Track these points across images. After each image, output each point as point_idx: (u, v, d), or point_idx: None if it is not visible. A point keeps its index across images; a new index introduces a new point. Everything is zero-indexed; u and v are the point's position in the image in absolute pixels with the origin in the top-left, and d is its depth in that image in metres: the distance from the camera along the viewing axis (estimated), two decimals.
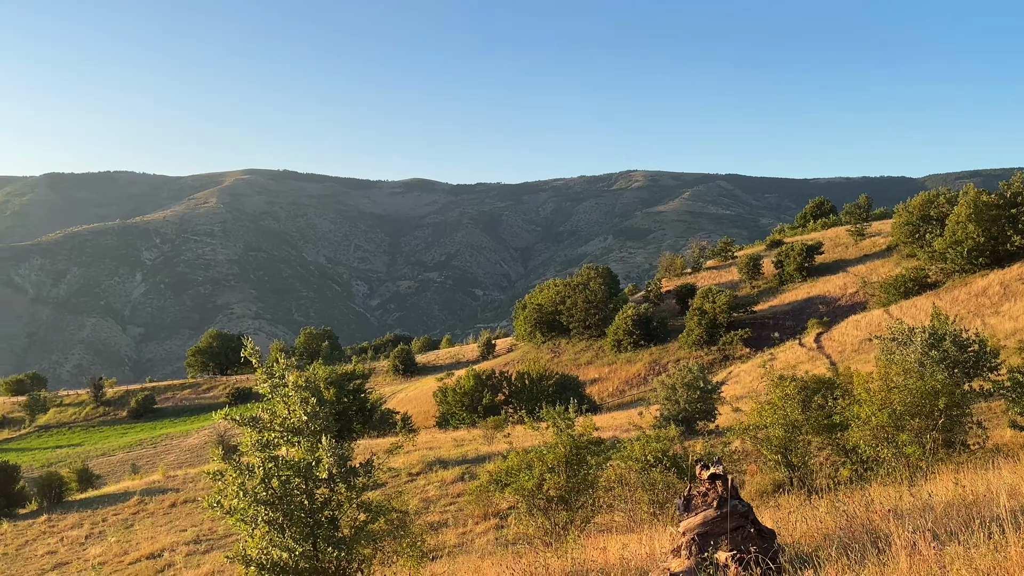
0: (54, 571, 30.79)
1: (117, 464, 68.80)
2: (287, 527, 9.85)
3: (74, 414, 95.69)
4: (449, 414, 57.88)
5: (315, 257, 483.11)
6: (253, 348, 11.02)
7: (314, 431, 10.41)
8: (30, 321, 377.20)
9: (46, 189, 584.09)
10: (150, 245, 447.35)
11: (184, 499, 38.67)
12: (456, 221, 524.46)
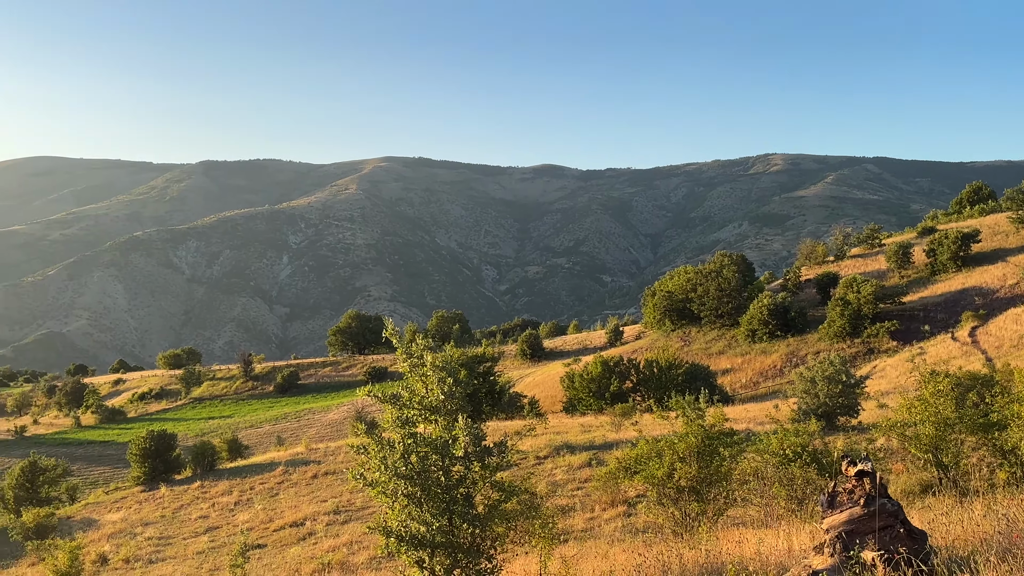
0: (206, 534, 33.07)
1: (264, 436, 73.07)
2: (424, 502, 10.16)
3: (225, 388, 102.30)
4: (576, 399, 57.94)
5: (447, 242, 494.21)
6: (393, 329, 11.40)
7: (450, 410, 10.67)
8: (187, 299, 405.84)
9: (202, 176, 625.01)
10: (295, 229, 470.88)
11: (325, 471, 40.58)
12: (585, 207, 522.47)
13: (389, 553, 10.33)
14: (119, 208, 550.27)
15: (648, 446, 17.94)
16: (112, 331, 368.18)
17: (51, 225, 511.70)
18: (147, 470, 46.34)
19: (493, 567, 10.55)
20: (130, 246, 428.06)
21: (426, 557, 10.18)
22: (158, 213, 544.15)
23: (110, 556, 30.64)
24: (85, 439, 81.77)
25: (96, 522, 39.95)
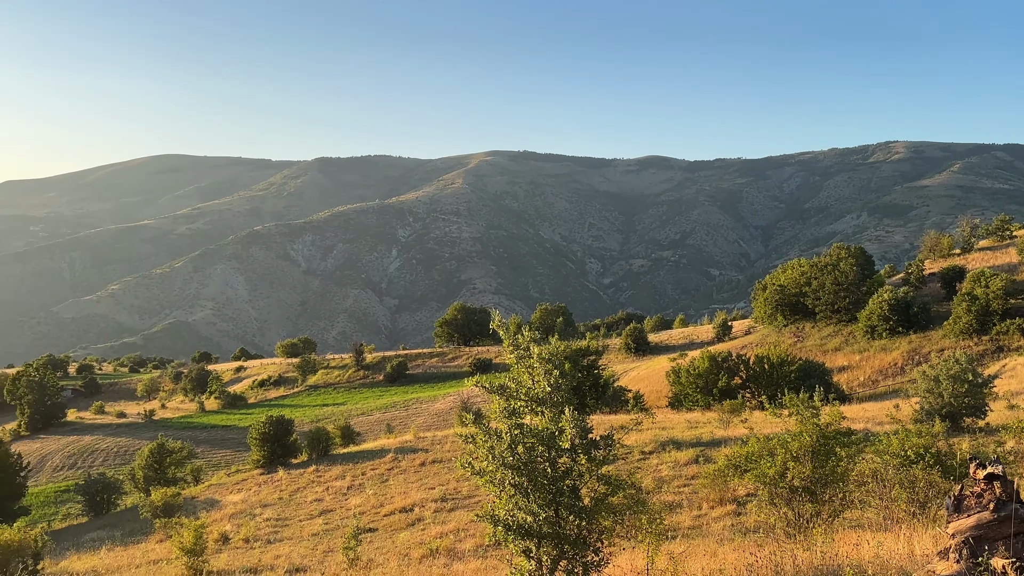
0: (320, 517, 34.35)
1: (374, 423, 75.25)
2: (531, 492, 10.24)
3: (338, 376, 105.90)
4: (682, 395, 56.98)
5: (551, 235, 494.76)
6: (500, 320, 11.52)
7: (557, 402, 10.70)
8: (303, 291, 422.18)
9: (317, 172, 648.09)
10: (404, 223, 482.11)
11: (432, 459, 41.44)
12: (692, 198, 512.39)
13: (496, 542, 10.47)
14: (240, 203, 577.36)
15: (759, 444, 17.46)
16: (234, 320, 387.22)
17: (178, 220, 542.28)
18: (266, 454, 48.49)
19: (600, 560, 10.53)
20: (250, 240, 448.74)
21: (533, 547, 10.26)
22: (276, 208, 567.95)
23: (231, 535, 32.27)
24: (208, 423, 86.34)
25: (218, 502, 42.15)
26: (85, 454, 77.42)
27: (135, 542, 35.62)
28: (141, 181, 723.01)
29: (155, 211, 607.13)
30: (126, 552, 32.90)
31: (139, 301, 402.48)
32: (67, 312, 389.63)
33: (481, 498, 31.23)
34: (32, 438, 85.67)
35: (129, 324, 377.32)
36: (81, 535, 41.81)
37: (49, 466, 75.07)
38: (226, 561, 27.28)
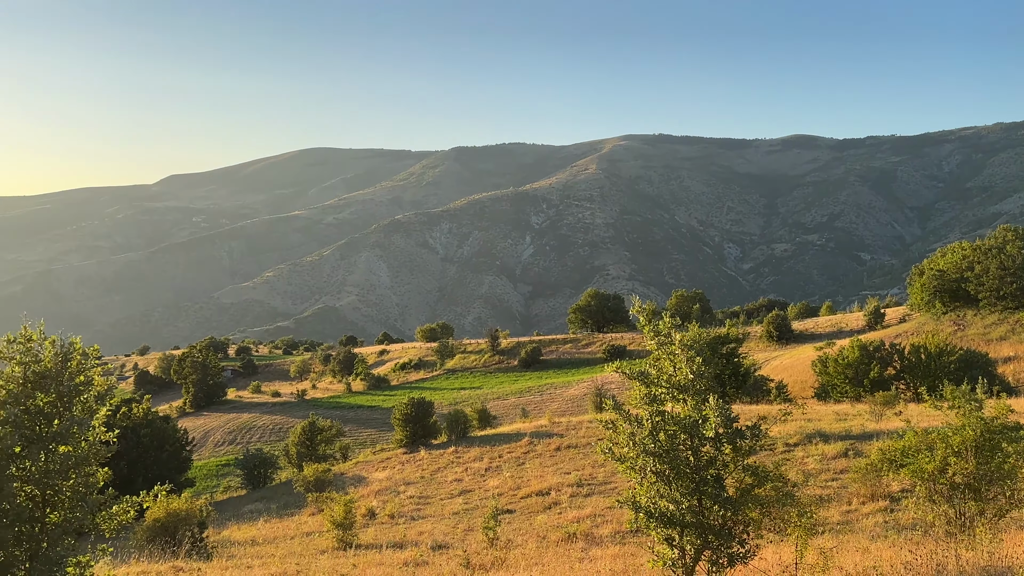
0: (460, 496, 35.23)
1: (509, 407, 76.44)
2: (673, 480, 10.09)
3: (474, 360, 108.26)
4: (829, 385, 54.46)
5: (687, 220, 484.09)
6: (641, 306, 11.37)
7: (699, 390, 10.47)
8: (440, 277, 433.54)
9: (454, 162, 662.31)
10: (538, 210, 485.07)
11: (567, 444, 41.60)
12: (840, 179, 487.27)
13: (636, 529, 10.39)
14: (382, 193, 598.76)
15: (917, 438, 16.44)
16: (377, 306, 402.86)
17: (326, 210, 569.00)
18: (408, 434, 50.21)
19: (746, 552, 10.24)
20: (392, 228, 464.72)
21: (675, 535, 10.11)
22: (416, 197, 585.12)
23: (377, 511, 33.65)
24: (355, 403, 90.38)
25: (365, 479, 44.02)
26: (243, 430, 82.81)
27: (289, 514, 37.76)
28: (292, 173, 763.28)
29: (305, 202, 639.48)
30: (281, 524, 34.95)
31: (291, 287, 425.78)
32: (226, 298, 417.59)
33: (617, 485, 31.09)
34: (196, 415, 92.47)
35: (282, 309, 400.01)
36: (240, 506, 44.70)
37: (211, 441, 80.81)
38: (373, 535, 28.47)
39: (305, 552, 25.87)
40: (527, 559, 19.47)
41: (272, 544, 29.54)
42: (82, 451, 10.67)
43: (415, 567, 20.03)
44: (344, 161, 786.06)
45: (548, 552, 20.36)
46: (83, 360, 11.06)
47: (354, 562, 21.31)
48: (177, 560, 23.15)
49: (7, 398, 10.46)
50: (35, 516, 10.57)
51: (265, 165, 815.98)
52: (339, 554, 24.42)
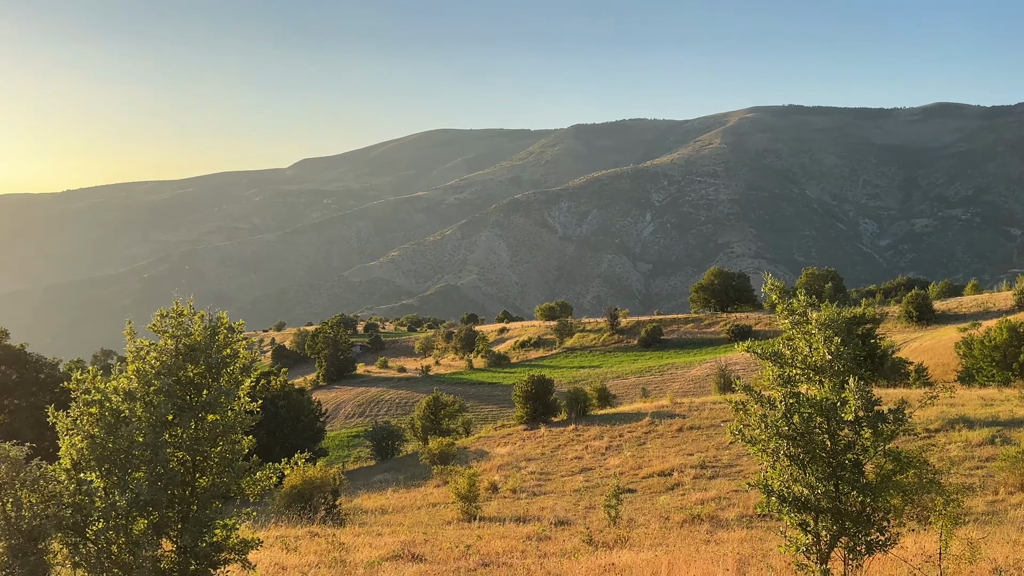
0: (581, 474, 35.36)
1: (629, 387, 75.88)
2: (808, 464, 9.71)
3: (593, 339, 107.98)
4: (974, 369, 51.14)
5: (818, 194, 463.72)
6: (773, 283, 10.95)
7: (837, 371, 10.00)
8: (559, 256, 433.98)
9: (573, 139, 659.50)
10: (658, 187, 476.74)
11: (690, 426, 40.94)
12: (988, 149, 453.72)
13: (766, 513, 10.09)
14: (502, 173, 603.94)
15: None
16: (497, 284, 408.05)
17: (447, 190, 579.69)
18: (529, 411, 50.77)
19: (885, 540, 9.77)
20: (511, 208, 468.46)
21: (810, 521, 9.74)
22: (535, 176, 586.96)
23: (499, 485, 34.27)
24: (476, 380, 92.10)
25: (487, 454, 44.87)
26: (372, 403, 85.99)
27: (416, 485, 39.00)
28: (416, 155, 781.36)
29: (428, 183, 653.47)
30: (408, 494, 36.14)
31: (415, 266, 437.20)
32: (355, 276, 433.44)
33: (743, 468, 30.37)
34: (328, 388, 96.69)
35: (406, 287, 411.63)
36: (370, 476, 46.53)
37: (342, 413, 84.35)
38: (496, 509, 29.02)
39: (432, 522, 26.67)
40: (651, 539, 19.34)
41: (400, 513, 30.62)
42: (229, 420, 11.36)
43: (538, 541, 20.27)
44: (465, 142, 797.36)
45: (672, 533, 20.15)
46: (229, 334, 11.75)
47: (479, 533, 21.79)
48: (313, 525, 24.34)
49: (161, 369, 11.24)
50: (186, 480, 11.34)
51: (390, 147, 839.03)
52: (464, 525, 25.04)
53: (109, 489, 11.01)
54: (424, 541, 20.36)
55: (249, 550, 11.48)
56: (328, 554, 18.46)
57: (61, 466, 11.40)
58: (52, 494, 11.25)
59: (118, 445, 10.88)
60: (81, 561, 11.11)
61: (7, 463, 11.26)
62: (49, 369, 49.79)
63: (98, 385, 11.27)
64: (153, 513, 10.95)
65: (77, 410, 11.25)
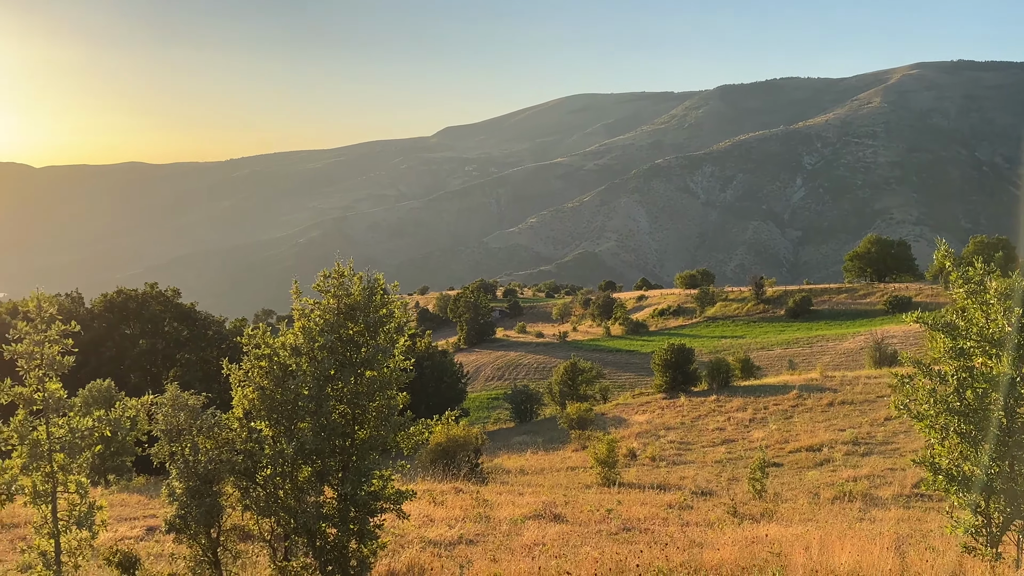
0: (723, 445, 34.69)
1: (774, 359, 73.39)
2: (980, 442, 9.09)
3: (736, 309, 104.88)
4: None
5: (989, 156, 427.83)
6: (947, 250, 10.24)
7: (1017, 344, 9.25)
8: (701, 223, 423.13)
9: (718, 101, 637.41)
10: (810, 150, 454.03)
11: (841, 400, 39.25)
12: None
13: (929, 491, 9.55)
14: (643, 138, 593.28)
15: None
16: (635, 252, 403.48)
17: (587, 156, 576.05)
18: (668, 379, 50.18)
19: None
20: (651, 173, 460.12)
21: (981, 502, 9.15)
22: (677, 140, 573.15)
23: (638, 453, 34.19)
24: (613, 347, 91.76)
25: (625, 421, 44.81)
26: (510, 367, 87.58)
27: (554, 448, 39.54)
28: (555, 121, 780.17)
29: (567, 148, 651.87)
30: (547, 457, 36.70)
31: (553, 233, 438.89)
32: (494, 242, 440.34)
33: (899, 445, 28.86)
34: (468, 351, 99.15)
35: (544, 253, 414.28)
36: (509, 437, 47.56)
37: (482, 376, 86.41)
38: (635, 475, 29.01)
39: (571, 485, 27.00)
40: (799, 514, 18.78)
41: (539, 475, 31.17)
42: (385, 376, 11.91)
43: (680, 510, 20.13)
44: (606, 106, 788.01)
45: (822, 509, 19.48)
46: (385, 295, 12.27)
47: (619, 498, 21.88)
48: (456, 481, 25.21)
49: (324, 327, 11.89)
50: (346, 432, 12.00)
51: (530, 114, 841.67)
52: (603, 490, 25.20)
53: (277, 438, 11.82)
54: (565, 503, 20.66)
55: (404, 500, 12.05)
56: (473, 509, 19.08)
57: (234, 415, 12.33)
58: (225, 440, 12.20)
59: (285, 397, 11.65)
60: (251, 504, 12.02)
61: (186, 411, 12.29)
62: (216, 327, 53.67)
63: (267, 341, 12.08)
64: (316, 461, 11.67)
65: (248, 363, 12.10)
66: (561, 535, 15.92)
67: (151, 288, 53.16)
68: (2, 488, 9.09)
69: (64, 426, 9.34)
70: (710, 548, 13.34)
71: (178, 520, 11.71)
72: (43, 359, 9.31)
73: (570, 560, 12.00)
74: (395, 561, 13.34)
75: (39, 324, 9.35)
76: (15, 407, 9.31)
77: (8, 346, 9.30)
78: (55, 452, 9.32)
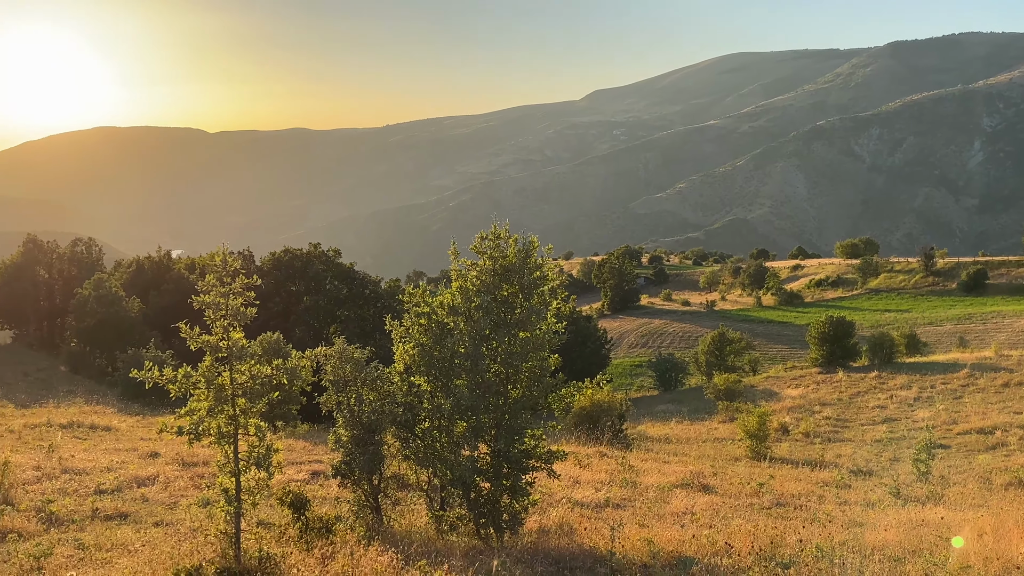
0: (883, 424, 32.88)
1: (944, 335, 68.61)
2: None
3: (903, 281, 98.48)
4: None
5: None
6: None
7: None
8: (865, 188, 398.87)
9: (888, 59, 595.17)
10: (992, 111, 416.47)
11: (1018, 381, 36.31)
12: None
13: None
14: (803, 98, 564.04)
15: None
16: (791, 219, 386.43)
17: (741, 119, 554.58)
18: (824, 353, 48.04)
19: None
20: (812, 135, 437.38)
21: None
22: (841, 101, 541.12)
23: (790, 427, 33.01)
24: (764, 318, 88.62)
25: (776, 394, 43.33)
26: (655, 335, 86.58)
27: (699, 419, 38.85)
28: (708, 82, 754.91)
29: (720, 111, 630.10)
30: (692, 427, 36.14)
31: (702, 198, 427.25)
32: (641, 208, 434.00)
33: None
34: (612, 317, 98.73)
35: (693, 219, 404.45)
36: (652, 405, 47.17)
37: (625, 343, 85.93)
38: (787, 451, 28.09)
39: (718, 456, 26.49)
40: (968, 500, 17.58)
41: (685, 444, 30.76)
42: (538, 338, 12.06)
43: (836, 488, 19.32)
44: (763, 65, 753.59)
45: (994, 495, 18.14)
46: (539, 258, 12.38)
47: (770, 473, 21.26)
48: (600, 446, 25.28)
49: (481, 287, 12.16)
50: (500, 391, 12.28)
51: (681, 75, 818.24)
52: (753, 463, 24.56)
53: (435, 393, 12.25)
54: (713, 474, 20.30)
55: (554, 460, 12.23)
56: (619, 474, 19.11)
57: (395, 369, 12.87)
58: (387, 393, 12.76)
59: (443, 354, 12.03)
60: (411, 454, 12.56)
61: (351, 363, 12.92)
62: (372, 286, 56.07)
63: (427, 299, 12.48)
64: (472, 418, 12.02)
65: (409, 321, 12.57)
66: (711, 505, 15.66)
67: (314, 248, 56.16)
68: (192, 428, 9.95)
69: (246, 373, 10.08)
70: (871, 528, 12.73)
71: (344, 466, 12.41)
72: (228, 310, 10.05)
73: (722, 531, 11.80)
74: (545, 518, 13.59)
75: (224, 277, 10.10)
76: (202, 354, 10.13)
77: (197, 297, 10.11)
78: (237, 396, 10.08)
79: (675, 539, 11.19)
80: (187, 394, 10.23)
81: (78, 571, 9.91)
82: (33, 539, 11.94)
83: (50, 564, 10.53)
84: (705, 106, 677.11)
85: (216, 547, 10.22)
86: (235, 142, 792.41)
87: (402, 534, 11.93)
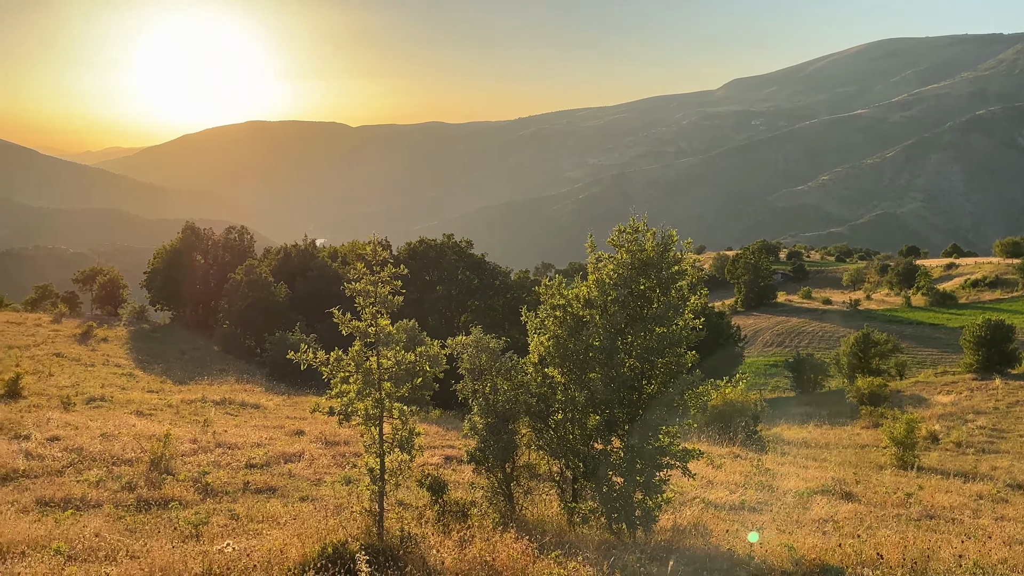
0: None
1: None
2: None
3: None
4: None
5: None
6: None
7: None
8: None
9: None
10: None
11: None
12: None
13: None
14: (961, 86, 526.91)
15: None
16: (946, 214, 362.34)
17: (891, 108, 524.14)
18: (980, 358, 44.96)
19: None
20: (970, 126, 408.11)
21: None
22: (1005, 89, 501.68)
23: (940, 436, 31.05)
24: (913, 319, 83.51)
25: (925, 400, 40.84)
26: (792, 334, 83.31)
27: (840, 424, 37.14)
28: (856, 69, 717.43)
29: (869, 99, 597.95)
30: (832, 431, 34.58)
31: (847, 191, 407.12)
32: (779, 201, 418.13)
33: None
34: (746, 314, 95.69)
35: (836, 214, 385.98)
36: (788, 407, 45.48)
37: (760, 341, 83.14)
38: (936, 460, 26.46)
39: (861, 463, 25.27)
40: None
41: (824, 449, 29.49)
42: (675, 333, 11.86)
43: (992, 502, 18.05)
44: (918, 51, 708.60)
45: None
46: (678, 252, 12.18)
47: (919, 483, 20.11)
48: (733, 447, 24.63)
49: (618, 280, 12.08)
50: (635, 385, 12.18)
51: (828, 62, 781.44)
52: (899, 472, 23.29)
53: (569, 385, 12.30)
54: (856, 482, 19.39)
55: (690, 459, 12.02)
56: (754, 477, 18.58)
57: (529, 360, 13.01)
58: (521, 383, 12.92)
59: (578, 346, 12.06)
60: (544, 445, 12.68)
61: (487, 352, 13.16)
62: (502, 277, 56.77)
63: (562, 291, 12.54)
64: (605, 411, 12.00)
65: (544, 312, 12.67)
66: (854, 514, 14.97)
67: (448, 239, 57.43)
68: (343, 409, 10.44)
69: (392, 358, 10.48)
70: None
71: (478, 453, 12.69)
72: (377, 297, 10.48)
73: (868, 542, 11.25)
74: (679, 517, 13.40)
75: (374, 266, 10.53)
76: (342, 339, 10.59)
77: (349, 285, 10.59)
78: (383, 381, 10.49)
79: (818, 547, 10.77)
80: (333, 376, 10.71)
81: (234, 540, 10.61)
82: (192, 507, 12.86)
83: (207, 532, 11.30)
84: (852, 95, 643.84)
85: (360, 524, 10.69)
86: (374, 135, 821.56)
87: (534, 523, 12.08)
